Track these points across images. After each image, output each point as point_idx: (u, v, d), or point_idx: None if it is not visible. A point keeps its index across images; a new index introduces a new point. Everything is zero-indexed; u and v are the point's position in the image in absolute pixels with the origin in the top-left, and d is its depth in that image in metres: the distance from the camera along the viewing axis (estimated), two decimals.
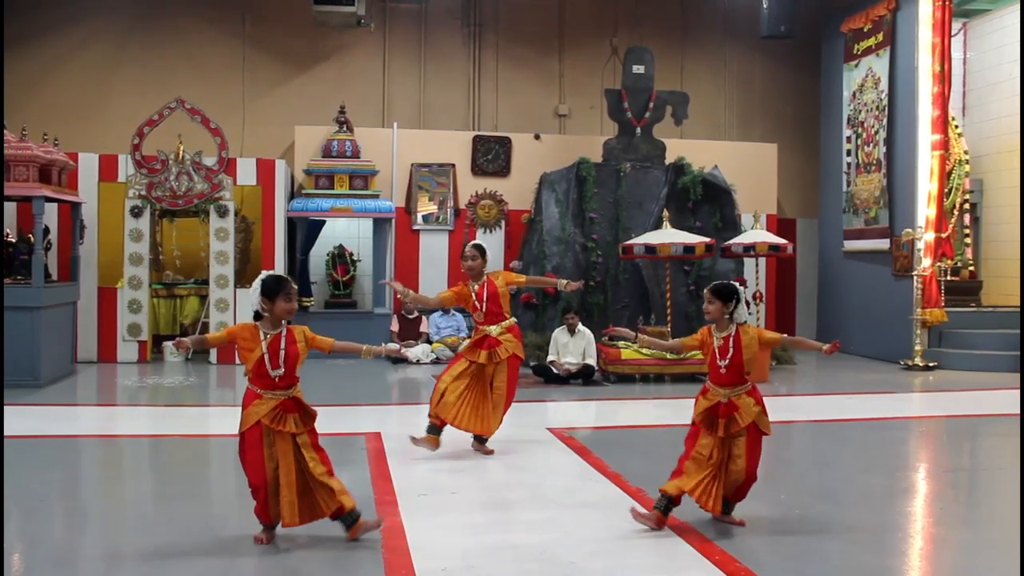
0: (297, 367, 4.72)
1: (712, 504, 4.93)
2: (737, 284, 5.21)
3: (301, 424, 4.69)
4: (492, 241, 13.95)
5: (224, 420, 8.79)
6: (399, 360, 12.18)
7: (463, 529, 4.97)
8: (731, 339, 5.01)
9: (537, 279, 8.16)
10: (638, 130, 13.28)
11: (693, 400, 5.15)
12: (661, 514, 4.93)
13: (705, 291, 5.15)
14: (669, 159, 13.30)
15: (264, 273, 4.79)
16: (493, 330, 6.72)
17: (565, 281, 7.29)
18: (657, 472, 6.17)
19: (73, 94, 14.09)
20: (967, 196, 13.19)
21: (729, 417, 4.96)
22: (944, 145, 12.27)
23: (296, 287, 4.77)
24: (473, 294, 6.75)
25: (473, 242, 7.02)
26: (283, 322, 4.74)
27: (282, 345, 4.66)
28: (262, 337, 4.66)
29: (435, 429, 6.63)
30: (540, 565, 4.39)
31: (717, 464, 4.95)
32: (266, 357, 4.63)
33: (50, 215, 11.31)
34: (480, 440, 6.81)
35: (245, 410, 4.68)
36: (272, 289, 4.69)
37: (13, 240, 10.45)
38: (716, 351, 5.02)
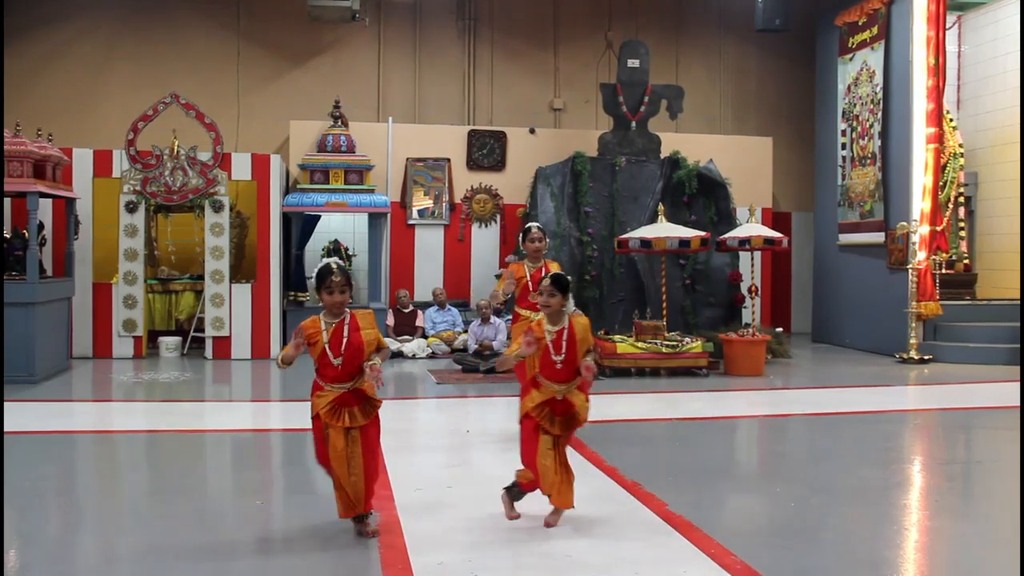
0: (364, 355, 4.63)
1: (568, 499, 4.85)
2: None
3: (360, 417, 4.64)
4: (487, 236, 13.98)
5: (220, 415, 8.82)
6: (395, 355, 12.19)
7: (459, 523, 4.97)
8: (564, 332, 4.84)
9: None
10: (633, 124, 13.28)
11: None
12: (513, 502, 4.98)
13: (546, 284, 4.89)
14: (664, 153, 13.30)
15: (323, 262, 4.75)
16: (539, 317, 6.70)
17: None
18: (653, 465, 6.20)
19: (67, 89, 14.07)
20: (962, 189, 13.21)
21: (567, 415, 4.86)
22: (939, 138, 12.29)
23: (339, 278, 4.63)
24: (528, 276, 6.72)
25: (537, 224, 6.97)
26: (346, 309, 4.69)
27: (344, 332, 4.61)
28: (323, 327, 4.63)
29: None
30: (536, 559, 4.39)
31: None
32: (327, 347, 4.59)
33: (44, 211, 11.30)
34: None
35: (311, 399, 4.70)
36: (317, 283, 4.69)
37: (7, 236, 10.43)
38: (550, 346, 4.83)
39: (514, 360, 5.07)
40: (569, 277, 5.05)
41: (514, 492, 5.04)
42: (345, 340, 4.61)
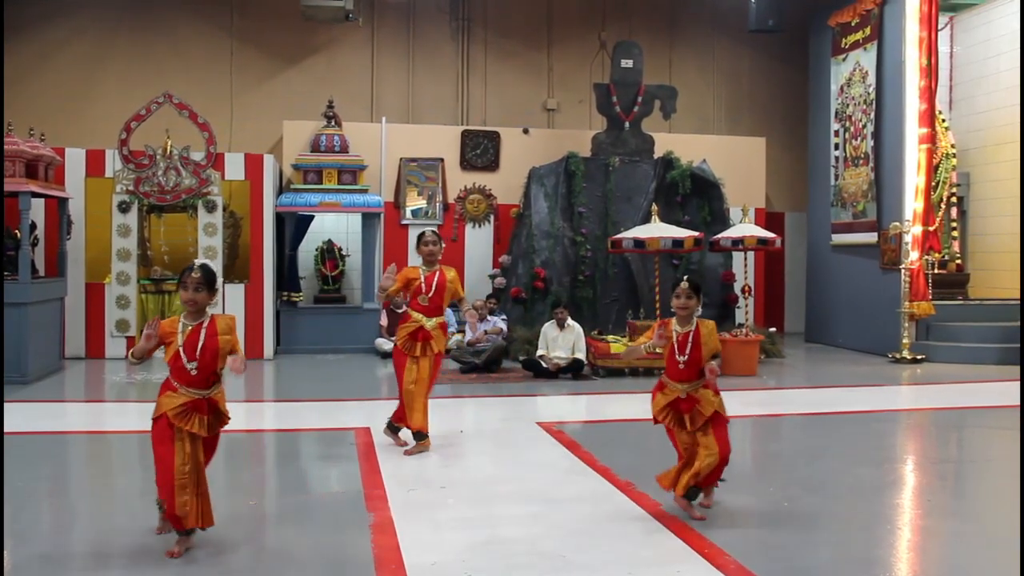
0: (218, 362, 4.45)
1: (675, 486, 5.04)
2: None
3: (207, 428, 4.46)
4: (481, 236, 13.97)
5: None
6: (388, 355, 12.17)
7: (453, 523, 4.97)
8: (691, 335, 5.00)
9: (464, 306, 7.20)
10: (627, 124, 13.29)
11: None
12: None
13: (684, 286, 5.05)
14: (658, 153, 13.32)
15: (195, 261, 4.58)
16: (429, 323, 6.66)
17: (467, 308, 7.09)
18: (646, 465, 6.19)
19: (60, 89, 14.04)
20: (954, 190, 13.26)
21: (692, 411, 4.96)
22: (931, 139, 12.32)
23: (197, 275, 4.48)
24: (422, 279, 6.71)
25: (432, 228, 7.01)
26: (207, 312, 4.54)
27: (201, 337, 4.44)
28: (180, 328, 4.47)
29: (423, 435, 6.66)
30: (530, 559, 4.39)
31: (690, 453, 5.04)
32: (181, 350, 4.41)
33: (37, 211, 11.27)
34: (398, 430, 6.80)
35: (158, 399, 4.52)
36: (178, 278, 4.52)
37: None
38: (675, 346, 4.98)
39: (644, 351, 5.18)
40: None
41: (692, 492, 5.06)
42: (201, 344, 4.42)
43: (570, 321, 10.71)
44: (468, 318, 7.07)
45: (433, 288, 6.70)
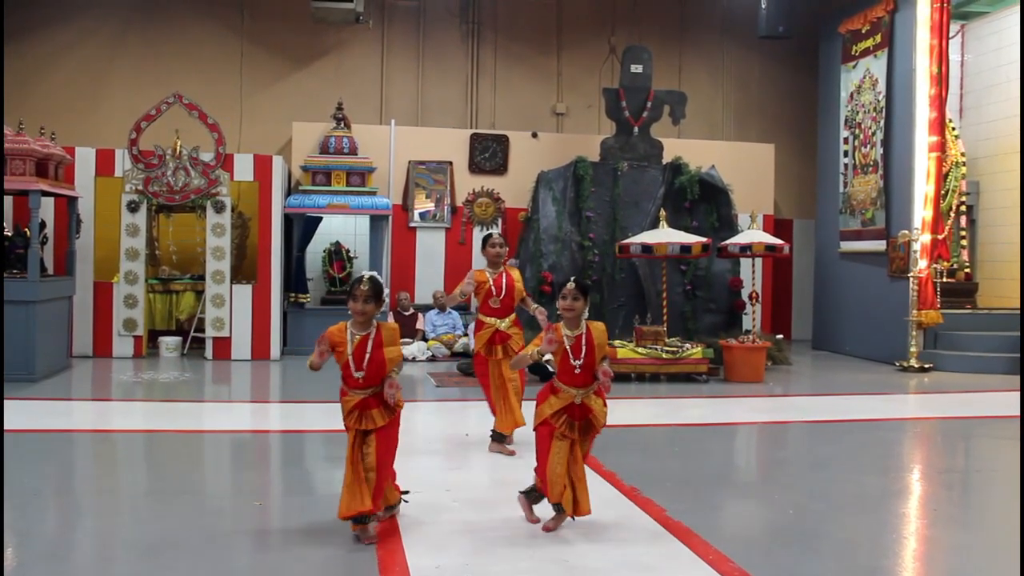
0: (386, 371, 4.66)
1: (581, 508, 4.83)
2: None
3: (378, 419, 4.65)
4: None
5: (219, 416, 8.81)
6: None
7: (457, 527, 4.97)
8: (583, 338, 4.87)
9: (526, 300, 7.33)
10: (636, 129, 13.27)
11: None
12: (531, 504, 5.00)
13: (570, 287, 4.91)
14: (666, 158, 13.30)
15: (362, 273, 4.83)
16: (503, 324, 6.77)
17: (534, 306, 7.13)
18: (652, 470, 6.20)
19: (70, 88, 14.08)
20: (963, 198, 13.21)
21: (585, 420, 4.88)
22: (941, 147, 12.29)
23: (366, 287, 4.63)
24: (491, 282, 6.80)
25: (499, 231, 7.10)
26: (373, 322, 4.69)
27: (368, 348, 4.62)
28: (348, 338, 4.64)
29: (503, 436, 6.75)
30: (533, 563, 4.39)
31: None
32: (351, 360, 4.61)
33: (46, 209, 11.29)
34: (501, 438, 6.79)
35: (341, 400, 4.77)
36: (349, 290, 4.72)
37: (9, 234, 10.43)
38: (569, 351, 4.86)
39: (531, 359, 5.11)
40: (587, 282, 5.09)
41: (532, 495, 5.02)
42: (368, 356, 4.62)
43: None
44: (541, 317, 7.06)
45: (504, 290, 6.82)
